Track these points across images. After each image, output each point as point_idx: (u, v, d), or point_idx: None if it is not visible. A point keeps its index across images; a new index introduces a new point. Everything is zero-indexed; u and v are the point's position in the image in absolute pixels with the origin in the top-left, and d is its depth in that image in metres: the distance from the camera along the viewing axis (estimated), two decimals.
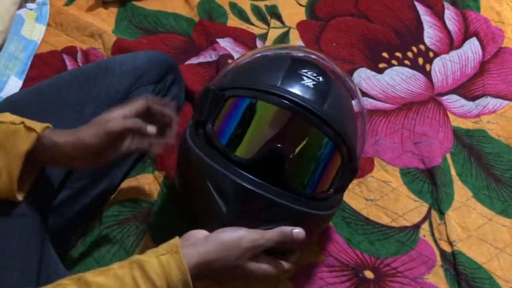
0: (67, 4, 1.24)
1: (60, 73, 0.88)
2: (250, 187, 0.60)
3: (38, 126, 0.59)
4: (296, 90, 0.64)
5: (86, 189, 0.79)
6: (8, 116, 0.60)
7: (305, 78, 0.66)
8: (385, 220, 0.85)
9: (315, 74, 0.67)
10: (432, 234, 0.83)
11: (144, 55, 0.88)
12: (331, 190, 0.68)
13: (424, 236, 0.83)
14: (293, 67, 0.68)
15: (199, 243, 0.57)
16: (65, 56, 1.12)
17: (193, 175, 0.66)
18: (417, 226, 0.84)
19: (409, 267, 0.79)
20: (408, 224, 0.85)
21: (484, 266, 0.79)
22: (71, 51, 1.13)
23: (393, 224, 0.85)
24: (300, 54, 0.78)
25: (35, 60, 1.11)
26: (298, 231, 0.61)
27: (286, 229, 0.61)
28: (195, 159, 0.64)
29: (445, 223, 0.84)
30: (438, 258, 0.80)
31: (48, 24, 1.19)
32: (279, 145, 0.62)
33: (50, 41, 1.16)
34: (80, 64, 1.10)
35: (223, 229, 0.59)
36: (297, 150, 0.64)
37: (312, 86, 0.65)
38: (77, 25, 1.17)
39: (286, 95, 0.63)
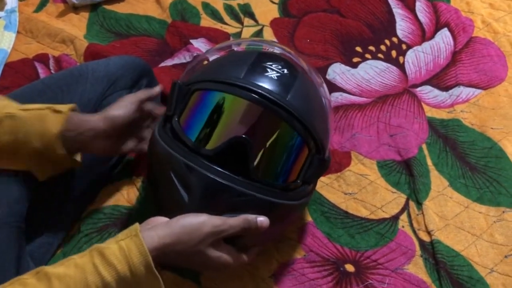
0: (36, 11, 1.22)
1: (32, 81, 0.86)
2: (212, 177, 0.60)
3: (64, 107, 0.67)
4: (258, 81, 0.65)
5: (62, 199, 0.78)
6: (31, 105, 0.66)
7: (269, 70, 0.66)
8: (364, 213, 0.86)
9: (280, 67, 0.67)
10: (411, 225, 0.84)
11: (117, 61, 0.87)
12: (299, 181, 0.68)
13: (403, 227, 0.84)
14: (258, 60, 0.68)
15: (160, 227, 0.56)
16: (37, 64, 1.10)
17: (159, 168, 0.66)
18: (395, 218, 0.85)
19: (389, 258, 0.80)
20: (386, 216, 0.86)
21: (462, 253, 0.80)
22: (42, 58, 1.11)
23: (372, 217, 0.85)
24: (270, 49, 0.78)
25: (6, 69, 1.09)
26: (262, 220, 0.61)
27: (250, 216, 0.60)
28: (160, 151, 0.65)
29: (423, 213, 0.85)
30: (417, 248, 0.81)
31: (18, 32, 1.17)
32: (241, 136, 0.63)
33: (20, 49, 1.14)
34: (52, 72, 1.08)
35: (186, 214, 0.58)
36: (259, 139, 0.64)
37: (275, 77, 0.66)
38: (48, 31, 1.15)
39: (247, 85, 0.64)
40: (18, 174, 0.67)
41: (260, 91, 0.64)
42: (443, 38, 1.16)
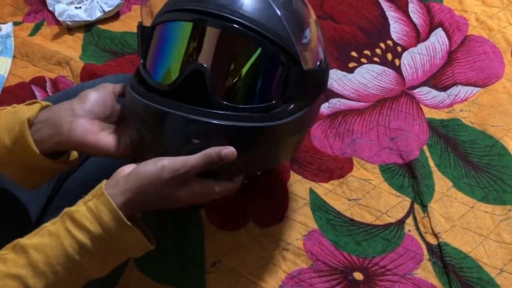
0: (31, 34, 1.22)
1: None
2: (168, 110, 0.57)
3: (39, 102, 0.62)
4: None
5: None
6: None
7: None
8: (369, 219, 0.85)
9: None
10: (417, 228, 0.84)
11: (111, 79, 0.87)
12: (274, 101, 0.60)
13: (409, 231, 0.83)
14: None
15: (122, 182, 0.55)
16: (34, 87, 1.10)
17: (129, 117, 0.64)
18: (401, 222, 0.85)
19: (397, 264, 0.79)
20: (392, 220, 0.85)
21: (470, 254, 0.80)
22: (39, 81, 1.11)
23: (378, 222, 0.85)
24: None
25: (3, 94, 1.10)
26: (227, 151, 0.56)
27: (210, 150, 0.56)
28: (128, 97, 0.62)
29: (428, 216, 0.84)
30: (425, 252, 0.80)
31: (14, 56, 1.18)
32: (196, 63, 0.58)
33: (17, 73, 1.14)
34: (49, 94, 1.09)
35: (145, 162, 0.56)
36: (216, 62, 0.58)
37: None
38: (44, 54, 1.15)
39: (193, 7, 0.58)
40: None
41: (205, 9, 0.57)
42: (438, 38, 1.16)
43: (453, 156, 0.93)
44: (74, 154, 0.67)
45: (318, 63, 0.65)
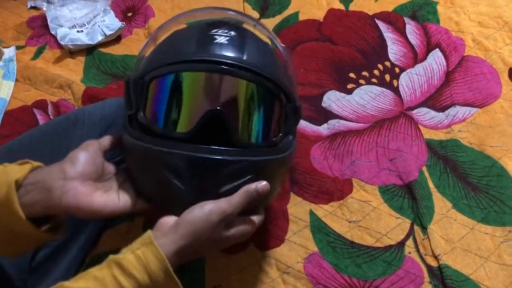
0: (34, 58, 1.24)
1: (31, 129, 0.87)
2: (198, 155, 0.59)
3: (31, 162, 0.60)
4: (211, 50, 0.63)
5: (65, 245, 0.78)
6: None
7: (217, 37, 0.65)
8: (369, 241, 0.85)
9: (226, 31, 0.66)
10: (418, 250, 0.84)
11: (112, 103, 0.88)
12: (280, 134, 0.68)
13: (410, 253, 0.83)
14: (204, 30, 0.67)
15: (170, 232, 0.56)
16: (36, 111, 1.11)
17: (143, 168, 0.64)
18: (401, 244, 0.85)
19: (398, 286, 0.79)
20: (392, 242, 0.85)
21: (471, 277, 0.79)
22: (41, 104, 1.12)
23: (378, 244, 0.85)
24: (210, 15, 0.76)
25: (5, 117, 1.11)
26: (262, 185, 0.61)
27: (249, 187, 0.60)
28: (138, 150, 0.63)
29: (428, 238, 0.84)
30: (426, 274, 0.80)
31: (16, 80, 1.19)
32: (213, 108, 0.62)
33: (19, 96, 1.16)
34: (51, 117, 1.10)
35: (190, 209, 0.58)
36: (230, 106, 0.64)
37: (226, 42, 0.64)
38: (46, 78, 1.17)
39: (200, 57, 0.63)
40: None
41: (216, 59, 0.62)
42: (436, 59, 1.17)
43: (452, 177, 0.94)
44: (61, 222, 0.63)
45: (297, 98, 0.72)
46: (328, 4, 1.35)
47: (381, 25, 1.27)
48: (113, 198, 0.62)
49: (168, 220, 0.59)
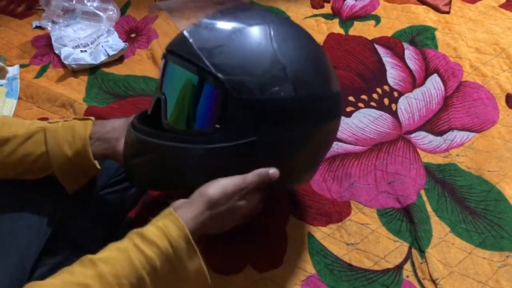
0: (37, 77, 1.26)
1: None
2: (133, 133, 0.69)
3: (91, 118, 0.73)
4: (178, 36, 0.70)
5: (64, 264, 0.78)
6: (55, 119, 0.77)
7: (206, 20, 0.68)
8: (367, 264, 0.85)
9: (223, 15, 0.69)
10: (415, 274, 0.83)
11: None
12: (217, 126, 0.64)
13: (408, 277, 0.83)
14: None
15: (186, 203, 0.60)
16: None
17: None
18: (399, 267, 0.84)
19: None
20: (390, 266, 0.85)
21: None
22: None
23: (376, 268, 0.85)
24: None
25: None
26: (273, 171, 0.66)
27: (262, 170, 0.65)
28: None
29: (426, 262, 0.84)
30: None
31: (19, 98, 1.20)
32: (160, 95, 0.68)
33: (21, 114, 1.17)
34: None
35: (206, 184, 0.62)
36: (168, 93, 0.68)
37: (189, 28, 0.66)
38: (48, 96, 1.18)
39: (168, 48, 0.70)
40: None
41: (169, 47, 0.70)
42: (434, 84, 1.19)
43: (450, 201, 0.94)
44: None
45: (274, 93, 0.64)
46: (328, 29, 1.38)
47: (380, 50, 1.29)
48: None
49: (178, 201, 0.62)
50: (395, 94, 1.17)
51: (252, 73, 0.63)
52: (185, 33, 0.64)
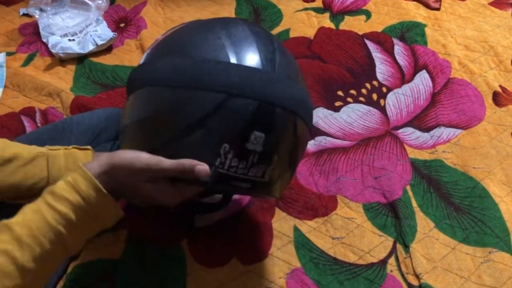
0: (24, 65, 1.24)
1: (17, 136, 0.87)
2: None
3: (86, 147, 0.69)
4: None
5: None
6: (54, 146, 0.68)
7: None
8: (352, 258, 0.86)
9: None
10: (399, 269, 0.84)
11: (101, 113, 0.88)
12: None
13: (391, 271, 0.84)
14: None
15: (103, 157, 0.59)
16: (23, 118, 1.11)
17: None
18: (384, 262, 0.85)
19: None
20: (375, 260, 0.85)
21: None
22: (29, 112, 1.12)
23: (361, 262, 0.85)
24: None
25: None
26: (200, 166, 0.59)
27: (186, 161, 0.59)
28: None
29: (410, 256, 0.85)
30: None
31: (5, 86, 1.18)
32: None
33: (7, 103, 1.15)
34: (39, 125, 1.09)
35: (123, 150, 0.61)
36: None
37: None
38: (35, 85, 1.17)
39: None
40: None
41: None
42: (422, 80, 1.19)
43: (436, 197, 0.95)
44: None
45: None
46: (319, 23, 1.38)
47: (370, 45, 1.29)
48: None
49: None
50: (384, 89, 1.18)
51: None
52: None
